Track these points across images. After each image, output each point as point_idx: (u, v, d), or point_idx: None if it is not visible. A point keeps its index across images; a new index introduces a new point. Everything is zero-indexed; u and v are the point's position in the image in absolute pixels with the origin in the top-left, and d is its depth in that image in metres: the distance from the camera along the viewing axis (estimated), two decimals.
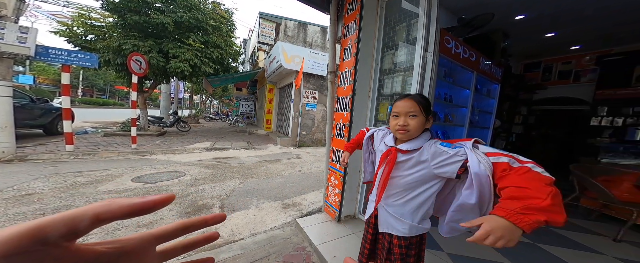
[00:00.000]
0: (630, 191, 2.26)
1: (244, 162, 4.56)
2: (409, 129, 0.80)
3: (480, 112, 3.24)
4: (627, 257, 1.77)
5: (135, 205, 0.18)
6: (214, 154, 5.17)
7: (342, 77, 2.10)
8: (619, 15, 3.12)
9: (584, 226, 2.29)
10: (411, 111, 0.80)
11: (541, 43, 4.30)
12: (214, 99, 28.52)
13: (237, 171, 3.90)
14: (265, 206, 2.57)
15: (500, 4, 2.87)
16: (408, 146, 0.84)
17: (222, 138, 7.62)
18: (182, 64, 6.41)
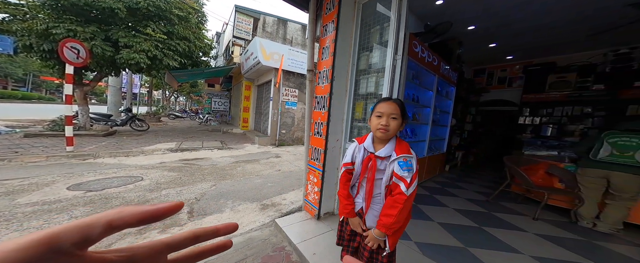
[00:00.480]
0: (543, 177, 2.76)
1: (218, 163, 4.29)
2: (389, 130, 0.90)
3: (441, 112, 3.61)
4: (543, 232, 2.15)
5: (146, 212, 0.18)
6: (181, 155, 4.74)
7: (320, 76, 2.12)
8: (537, 32, 3.80)
9: (514, 209, 2.71)
10: (393, 113, 0.90)
11: (486, 52, 4.97)
12: (181, 95, 26.05)
13: (208, 172, 3.65)
14: (242, 208, 2.47)
15: (457, 14, 3.23)
16: (384, 152, 0.94)
17: (190, 137, 7.03)
18: (137, 55, 5.67)
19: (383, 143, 0.96)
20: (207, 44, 8.63)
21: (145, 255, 0.21)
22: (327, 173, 2.06)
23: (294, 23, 8.39)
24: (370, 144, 0.98)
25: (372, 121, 0.95)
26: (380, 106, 0.93)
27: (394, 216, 0.87)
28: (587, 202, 2.32)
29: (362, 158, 1.00)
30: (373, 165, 0.96)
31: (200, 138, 7.04)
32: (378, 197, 0.99)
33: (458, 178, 4.10)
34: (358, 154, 1.02)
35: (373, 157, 0.96)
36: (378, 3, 1.86)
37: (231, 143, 6.68)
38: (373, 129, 0.95)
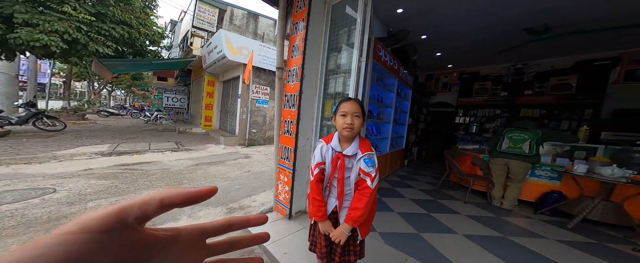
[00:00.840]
0: (470, 167, 3.34)
1: (171, 166, 3.83)
2: (354, 128, 0.94)
3: (400, 112, 3.99)
4: (471, 213, 2.58)
5: (189, 194, 0.20)
6: (117, 160, 4.00)
7: (290, 75, 2.09)
8: (464, 46, 4.57)
9: (452, 195, 3.17)
10: (356, 112, 0.94)
11: (434, 59, 5.71)
12: (118, 88, 22.13)
13: (158, 178, 3.22)
14: (204, 214, 2.28)
15: (413, 24, 3.59)
16: (351, 151, 0.98)
17: (132, 139, 6.06)
18: (45, 36, 4.63)
19: (349, 142, 0.99)
20: (156, 32, 7.57)
21: (188, 237, 0.23)
22: (298, 171, 2.05)
23: (266, 18, 8.05)
24: (337, 144, 1.00)
25: (337, 120, 0.98)
26: (343, 105, 0.96)
27: (361, 209, 0.94)
28: (496, 185, 2.87)
29: (331, 158, 1.02)
30: (342, 164, 0.99)
31: (147, 139, 6.15)
32: (349, 194, 1.04)
33: (414, 171, 4.58)
34: (327, 154, 1.03)
35: (341, 156, 0.99)
36: (347, 5, 1.93)
37: (190, 144, 6.04)
38: (339, 129, 0.98)
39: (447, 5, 3.09)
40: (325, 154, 1.03)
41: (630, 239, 2.05)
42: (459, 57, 5.41)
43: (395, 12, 3.31)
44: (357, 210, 0.95)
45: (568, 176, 2.56)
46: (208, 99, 8.83)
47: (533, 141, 2.57)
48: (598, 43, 4.17)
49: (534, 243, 1.95)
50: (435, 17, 3.41)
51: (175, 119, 11.54)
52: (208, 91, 8.75)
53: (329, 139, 1.05)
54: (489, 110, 5.89)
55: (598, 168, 2.29)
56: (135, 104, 21.01)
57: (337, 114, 0.98)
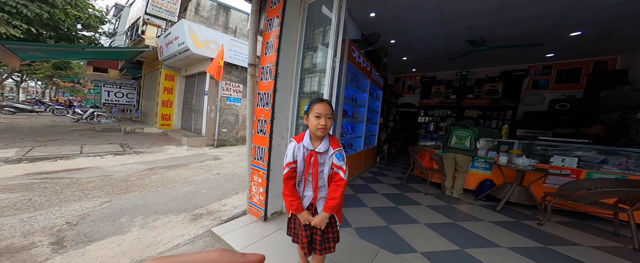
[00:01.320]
0: (428, 161, 3.84)
1: (115, 173, 3.27)
2: (327, 128, 1.03)
3: (372, 111, 4.27)
4: (430, 203, 2.94)
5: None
6: (30, 167, 3.20)
7: (263, 72, 2.02)
8: (422, 52, 5.20)
9: (415, 188, 3.56)
10: (329, 113, 1.03)
11: (401, 63, 6.29)
12: (32, 78, 17.50)
13: (96, 187, 2.72)
14: (160, 223, 2.04)
15: (384, 28, 3.87)
16: (322, 148, 1.07)
17: (53, 141, 4.95)
18: None
19: (320, 140, 1.08)
20: (92, 15, 6.28)
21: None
22: (273, 172, 2.01)
23: (239, 12, 7.46)
24: (309, 143, 1.08)
25: (310, 120, 1.05)
26: (317, 107, 1.03)
27: (337, 198, 1.05)
28: (447, 177, 3.36)
29: (304, 156, 1.08)
30: (315, 160, 1.07)
31: (78, 141, 5.12)
32: (323, 187, 1.13)
33: (385, 167, 4.95)
34: (298, 153, 1.09)
35: (314, 154, 1.07)
36: (323, 5, 1.96)
37: (141, 146, 5.25)
38: (312, 129, 1.05)
39: (410, 13, 3.42)
40: (297, 153, 1.09)
41: (536, 216, 2.64)
42: (421, 62, 6.07)
43: (368, 16, 3.49)
44: (334, 199, 1.05)
45: (496, 167, 3.16)
46: (166, 95, 7.79)
47: (472, 137, 3.08)
48: (514, 57, 5.23)
49: (474, 226, 2.32)
50: (402, 24, 3.74)
51: (120, 118, 9.74)
52: (166, 87, 7.71)
53: (300, 139, 1.10)
54: (443, 111, 6.84)
55: (514, 158, 2.88)
56: (60, 98, 16.94)
57: (310, 115, 1.04)
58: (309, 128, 1.07)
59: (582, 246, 1.98)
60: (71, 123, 8.06)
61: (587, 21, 3.37)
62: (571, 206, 2.44)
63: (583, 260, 1.76)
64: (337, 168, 1.06)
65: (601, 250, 1.93)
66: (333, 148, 1.07)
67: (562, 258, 1.79)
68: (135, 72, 10.57)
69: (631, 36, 3.74)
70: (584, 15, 3.20)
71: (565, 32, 3.79)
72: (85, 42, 7.02)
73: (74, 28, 6.10)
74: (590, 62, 4.98)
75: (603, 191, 2.13)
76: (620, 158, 2.67)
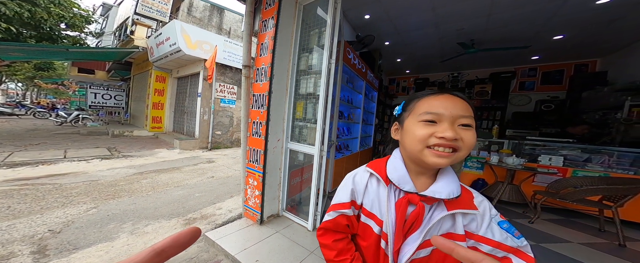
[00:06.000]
0: None
1: (102, 177, 3.15)
2: (461, 148, 0.43)
3: (368, 113, 4.30)
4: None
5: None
6: (9, 173, 3.03)
7: (258, 73, 2.00)
8: (415, 54, 5.31)
9: None
10: (465, 116, 0.44)
11: (395, 65, 6.38)
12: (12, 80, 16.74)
13: (81, 192, 2.60)
14: (151, 229, 1.97)
15: (378, 29, 3.92)
16: (440, 189, 0.46)
17: (34, 145, 4.72)
18: None
19: (429, 175, 0.50)
20: (77, 15, 6.09)
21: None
22: (269, 174, 1.98)
23: (234, 13, 7.40)
24: (404, 176, 0.49)
25: (409, 131, 0.47)
26: (434, 100, 0.46)
27: None
28: None
29: (394, 202, 0.50)
30: (420, 214, 0.47)
31: (61, 145, 4.89)
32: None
33: None
34: (373, 194, 0.53)
35: (420, 202, 0.47)
36: (318, 7, 1.96)
37: (130, 150, 5.07)
38: (416, 148, 0.45)
39: (404, 16, 3.48)
40: (369, 193, 0.54)
41: (527, 214, 2.71)
42: (414, 63, 6.18)
43: (363, 18, 3.53)
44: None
45: (487, 166, 3.24)
46: (157, 97, 7.59)
47: None
48: (502, 59, 5.41)
49: None
50: (396, 26, 3.80)
51: (108, 121, 9.40)
52: (156, 88, 7.53)
53: (380, 167, 0.54)
54: None
55: (504, 158, 2.97)
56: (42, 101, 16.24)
57: (412, 118, 0.48)
58: (405, 146, 0.49)
59: (571, 243, 2.05)
60: (54, 127, 7.71)
61: (568, 26, 3.53)
62: (559, 204, 2.53)
63: (573, 256, 1.82)
64: (509, 251, 0.46)
65: (589, 246, 2.00)
66: (467, 201, 0.49)
67: (553, 255, 1.84)
68: (124, 73, 10.25)
69: (609, 40, 3.95)
70: (565, 20, 3.35)
71: (549, 36, 3.95)
72: (69, 42, 6.75)
73: (57, 27, 5.86)
74: (572, 65, 5.22)
75: (588, 188, 2.22)
76: (603, 156, 2.80)
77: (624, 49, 4.26)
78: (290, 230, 1.93)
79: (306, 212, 1.96)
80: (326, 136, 1.90)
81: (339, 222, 0.56)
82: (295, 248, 1.69)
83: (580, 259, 1.78)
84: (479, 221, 0.48)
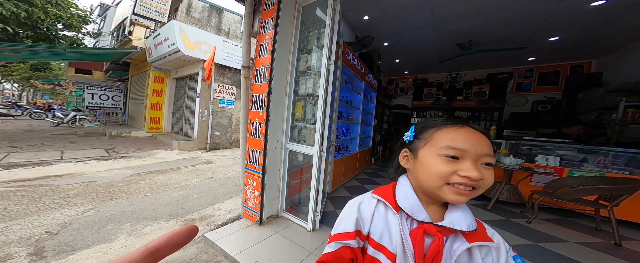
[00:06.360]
0: None
1: (99, 179, 3.12)
2: (480, 187, 0.41)
3: (367, 113, 4.31)
4: None
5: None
6: (6, 175, 2.98)
7: (258, 74, 2.00)
8: (413, 55, 5.35)
9: None
10: (489, 154, 0.41)
11: (394, 66, 6.41)
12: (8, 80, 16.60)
13: (78, 193, 2.58)
14: (150, 230, 1.96)
15: (377, 30, 3.94)
16: (458, 221, 0.43)
17: (32, 146, 4.68)
18: None
19: (440, 204, 0.48)
20: (75, 15, 6.06)
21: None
22: (268, 175, 1.98)
23: (232, 14, 7.41)
24: (416, 205, 0.46)
25: (427, 164, 0.44)
26: (456, 133, 0.43)
27: None
28: None
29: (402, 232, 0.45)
30: (439, 247, 0.42)
31: (58, 147, 4.85)
32: None
33: (379, 168, 4.99)
34: (381, 223, 0.48)
35: (435, 231, 0.43)
36: (317, 8, 1.97)
37: (128, 151, 5.04)
38: (435, 184, 0.42)
39: (402, 17, 3.51)
40: (376, 222, 0.49)
41: (525, 214, 2.73)
42: (413, 64, 6.22)
43: (362, 19, 3.55)
44: None
45: None
46: (155, 98, 7.57)
47: None
48: (499, 60, 5.46)
49: None
50: (394, 27, 3.83)
51: (105, 121, 9.33)
52: (155, 89, 7.50)
53: (388, 195, 0.50)
54: (434, 112, 7.01)
55: (502, 158, 2.98)
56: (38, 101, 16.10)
57: (427, 150, 0.45)
58: (420, 179, 0.46)
59: (568, 242, 2.07)
60: (51, 128, 7.64)
61: (563, 27, 3.58)
62: (556, 203, 2.56)
63: (570, 256, 1.83)
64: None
65: (585, 245, 2.02)
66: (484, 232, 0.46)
67: (551, 255, 1.85)
68: (122, 74, 10.20)
69: (603, 41, 4.00)
70: (560, 21, 3.39)
71: (545, 37, 4.00)
72: (66, 43, 6.71)
73: (54, 28, 5.82)
74: (568, 66, 5.29)
75: (584, 188, 2.24)
76: (598, 156, 2.83)
77: (618, 50, 4.32)
78: (290, 230, 1.93)
79: (305, 213, 1.96)
80: (325, 136, 1.90)
81: (341, 255, 0.46)
82: (294, 248, 1.69)
83: (577, 258, 1.80)
84: (495, 255, 0.44)
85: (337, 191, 3.10)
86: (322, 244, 1.76)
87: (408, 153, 0.50)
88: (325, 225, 2.05)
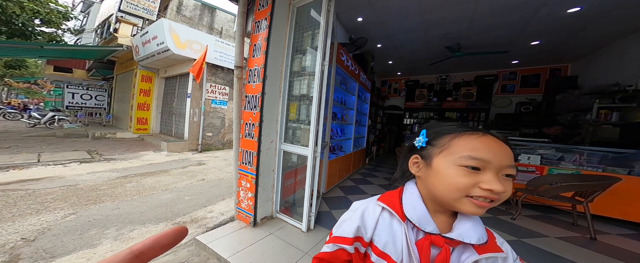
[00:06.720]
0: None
1: (80, 182, 2.96)
2: (501, 200, 0.39)
3: (361, 114, 4.36)
4: None
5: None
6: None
7: (251, 74, 1.98)
8: (404, 57, 5.48)
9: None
10: (511, 166, 0.39)
11: (387, 67, 6.52)
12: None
13: (57, 198, 2.44)
14: (137, 234, 1.89)
15: (371, 32, 4.00)
16: (467, 233, 0.41)
17: (7, 149, 4.40)
18: None
19: (449, 214, 0.45)
20: (55, 11, 5.75)
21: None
22: (262, 176, 1.97)
23: (226, 13, 7.26)
24: (424, 215, 0.44)
25: (444, 175, 0.41)
26: (477, 142, 0.40)
27: None
28: None
29: (407, 241, 0.43)
30: (446, 260, 0.41)
31: (33, 148, 4.58)
32: None
33: (373, 168, 5.05)
34: (385, 232, 0.46)
35: (442, 242, 0.41)
36: (312, 9, 1.98)
37: (113, 152, 4.83)
38: (453, 196, 0.40)
39: (394, 19, 3.58)
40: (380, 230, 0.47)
41: (509, 211, 2.84)
42: (405, 66, 6.36)
43: (356, 21, 3.59)
44: None
45: None
46: (142, 97, 7.29)
47: None
48: (485, 63, 5.69)
49: None
50: (387, 29, 3.91)
51: (87, 122, 8.86)
52: (142, 88, 7.23)
53: (393, 201, 0.48)
54: (426, 112, 7.21)
55: None
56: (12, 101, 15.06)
57: (443, 158, 0.42)
58: (434, 189, 0.43)
59: (549, 237, 2.19)
60: (27, 129, 7.17)
61: (543, 32, 3.79)
62: (538, 200, 2.70)
63: (551, 250, 1.94)
64: None
65: (564, 240, 2.14)
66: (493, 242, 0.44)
67: (534, 249, 1.95)
68: (106, 72, 9.73)
69: (578, 46, 4.28)
70: (540, 27, 3.59)
71: (526, 42, 4.22)
72: (44, 39, 6.32)
73: (31, 23, 5.47)
74: (548, 69, 5.60)
75: (562, 185, 2.38)
76: (574, 155, 3.02)
77: (590, 55, 4.64)
78: (285, 231, 1.92)
79: (300, 213, 1.96)
80: (320, 137, 1.91)
81: (338, 256, 0.48)
82: (289, 249, 1.69)
83: (557, 253, 1.91)
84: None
85: (332, 191, 3.11)
86: (317, 244, 1.76)
87: (419, 160, 0.46)
88: (320, 225, 2.06)
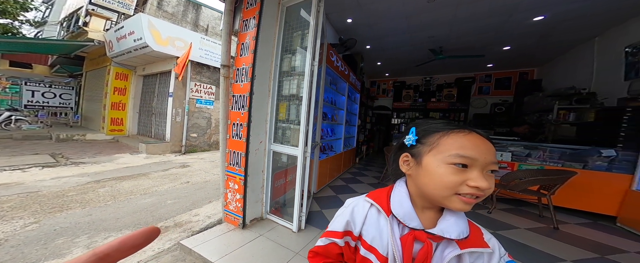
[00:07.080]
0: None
1: (42, 188, 2.69)
2: (485, 195, 0.40)
3: (351, 114, 4.43)
4: None
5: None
6: None
7: (239, 74, 1.93)
8: (391, 58, 5.67)
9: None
10: (495, 162, 0.41)
11: (376, 68, 6.68)
12: None
13: (14, 207, 2.20)
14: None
15: (360, 33, 4.08)
16: (450, 229, 0.43)
17: None
18: None
19: (436, 209, 0.47)
20: (10, 0, 5.12)
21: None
22: (251, 177, 1.93)
23: (212, 10, 6.92)
24: (410, 212, 0.46)
25: (434, 173, 0.42)
26: (465, 140, 0.41)
27: None
28: None
29: (393, 236, 0.46)
30: (428, 254, 0.43)
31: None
32: None
33: (363, 167, 5.15)
34: (373, 226, 0.49)
35: (425, 238, 0.44)
36: (301, 9, 1.97)
37: (82, 156, 4.44)
38: (442, 194, 0.41)
39: (382, 22, 3.68)
40: (368, 226, 0.50)
41: (486, 205, 3.03)
42: (393, 67, 6.56)
43: (345, 22, 3.63)
44: None
45: None
46: (117, 96, 6.75)
47: None
48: (465, 66, 6.07)
49: None
50: (375, 31, 4.00)
51: (50, 123, 8.00)
52: (117, 87, 6.70)
53: (382, 198, 0.51)
54: (412, 113, 7.50)
55: None
56: None
57: (432, 156, 0.43)
58: (424, 187, 0.44)
59: (519, 229, 2.38)
60: None
61: (512, 38, 4.14)
62: (510, 194, 2.94)
63: (521, 241, 2.12)
64: None
65: (532, 230, 2.35)
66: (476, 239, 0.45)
67: (506, 240, 2.12)
68: (74, 69, 8.83)
69: (542, 52, 4.73)
70: (509, 33, 3.91)
71: (499, 47, 4.57)
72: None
73: None
74: (518, 73, 6.10)
75: (528, 179, 2.62)
76: (539, 151, 3.33)
77: (551, 61, 5.14)
78: (275, 232, 1.90)
79: (291, 214, 1.95)
80: (310, 137, 1.92)
81: (330, 250, 0.54)
82: (280, 250, 1.68)
83: (526, 242, 2.09)
84: (487, 260, 0.44)
85: (322, 191, 3.13)
86: (308, 244, 1.77)
87: (410, 158, 0.47)
88: (312, 225, 2.07)
